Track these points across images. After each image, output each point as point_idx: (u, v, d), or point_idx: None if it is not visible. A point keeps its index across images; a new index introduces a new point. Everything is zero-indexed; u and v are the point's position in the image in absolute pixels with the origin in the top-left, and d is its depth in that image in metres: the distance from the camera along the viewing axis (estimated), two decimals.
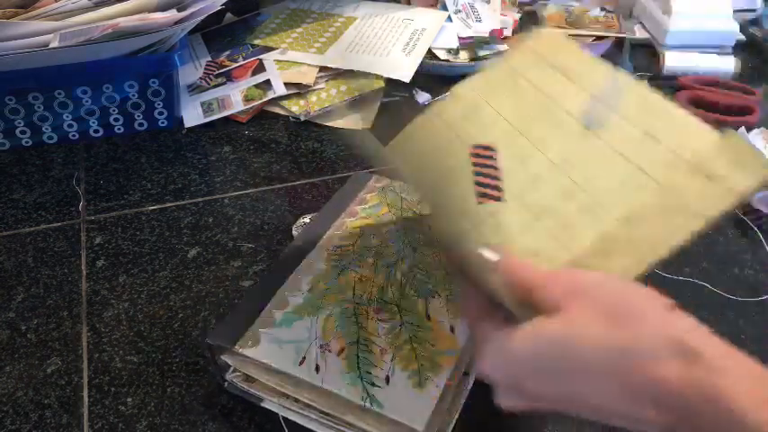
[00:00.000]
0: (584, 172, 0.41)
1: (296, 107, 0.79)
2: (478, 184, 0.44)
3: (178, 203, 0.66)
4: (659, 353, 0.28)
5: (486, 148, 0.45)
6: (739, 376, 0.28)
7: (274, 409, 0.45)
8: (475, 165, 0.45)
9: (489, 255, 0.37)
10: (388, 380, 0.42)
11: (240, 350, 0.44)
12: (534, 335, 0.32)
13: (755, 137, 0.78)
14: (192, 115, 0.77)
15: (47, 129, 0.72)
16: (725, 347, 0.29)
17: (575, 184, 0.40)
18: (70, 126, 0.73)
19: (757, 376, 0.28)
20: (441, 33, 0.89)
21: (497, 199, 0.42)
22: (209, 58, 0.84)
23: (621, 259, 0.37)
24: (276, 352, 0.44)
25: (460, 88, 0.51)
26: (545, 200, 0.41)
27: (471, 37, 0.89)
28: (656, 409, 0.29)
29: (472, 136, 0.47)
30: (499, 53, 0.89)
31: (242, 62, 0.83)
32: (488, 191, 0.43)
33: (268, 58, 0.84)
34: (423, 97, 0.84)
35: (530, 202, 0.41)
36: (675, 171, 0.38)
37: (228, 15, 0.87)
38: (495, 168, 0.44)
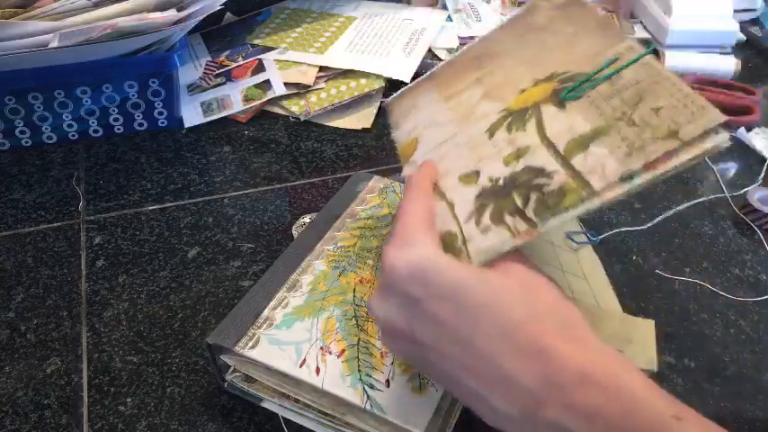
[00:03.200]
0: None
1: (296, 107, 0.78)
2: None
3: (178, 203, 0.66)
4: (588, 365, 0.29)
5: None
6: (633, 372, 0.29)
7: (274, 409, 0.45)
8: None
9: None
10: (388, 383, 0.42)
11: (240, 351, 0.44)
12: (465, 272, 0.31)
13: (755, 137, 0.78)
14: (192, 115, 0.77)
15: (46, 129, 0.72)
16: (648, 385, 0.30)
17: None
18: (70, 126, 0.73)
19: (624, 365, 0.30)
20: (441, 33, 0.89)
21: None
22: (209, 58, 0.84)
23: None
24: (276, 353, 0.44)
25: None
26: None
27: (471, 37, 0.89)
28: (532, 363, 0.29)
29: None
30: None
31: (242, 62, 0.83)
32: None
33: (268, 58, 0.84)
34: None
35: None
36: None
37: (228, 15, 0.87)
38: None
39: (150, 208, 0.65)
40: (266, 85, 0.80)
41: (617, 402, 0.28)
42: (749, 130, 0.78)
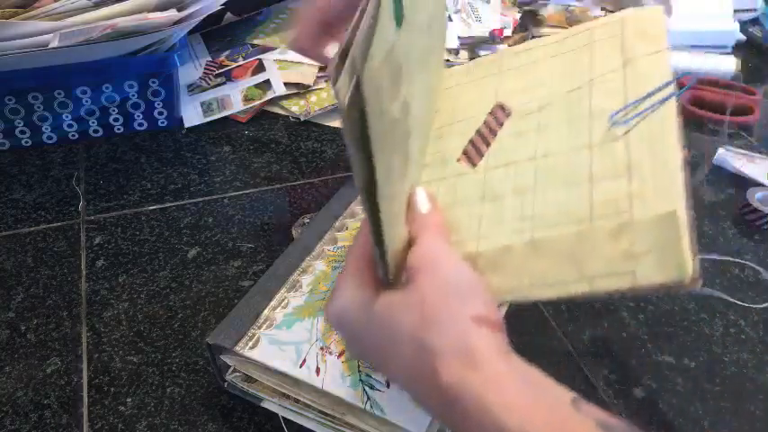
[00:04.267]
0: (549, 179, 0.38)
1: (296, 107, 0.78)
2: (472, 142, 0.43)
3: (178, 203, 0.66)
4: (447, 350, 0.32)
5: (505, 111, 0.43)
6: (507, 388, 0.30)
7: (274, 409, 0.45)
8: (484, 123, 0.43)
9: (422, 200, 0.38)
10: (388, 384, 0.42)
11: (241, 351, 0.44)
12: (369, 305, 0.35)
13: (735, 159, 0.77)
14: (192, 115, 0.77)
15: (46, 129, 0.72)
16: (504, 357, 0.32)
17: (533, 185, 0.38)
18: (70, 126, 0.73)
19: (529, 396, 0.31)
20: None
21: (473, 165, 0.41)
22: (209, 58, 0.84)
23: (500, 278, 0.36)
24: (277, 353, 0.44)
25: (535, 41, 0.48)
26: (501, 186, 0.39)
27: (471, 37, 0.89)
28: (430, 395, 0.33)
29: (508, 89, 0.45)
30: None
31: (242, 62, 0.83)
32: (473, 154, 0.42)
33: (268, 58, 0.83)
34: None
35: (489, 180, 0.40)
36: (604, 221, 0.34)
37: (228, 15, 0.87)
38: (494, 136, 0.42)
39: (150, 208, 0.65)
40: (266, 85, 0.80)
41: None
42: (749, 129, 0.78)
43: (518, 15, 0.95)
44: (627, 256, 0.32)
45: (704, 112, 0.82)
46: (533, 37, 0.94)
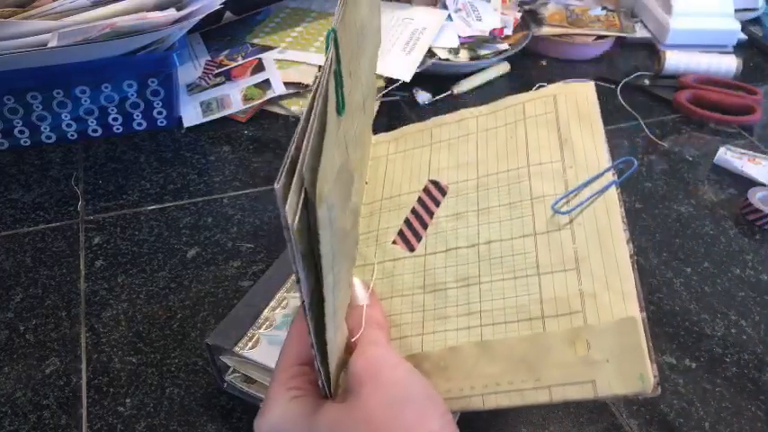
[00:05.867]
0: (494, 269, 0.37)
1: (295, 107, 0.78)
2: (407, 223, 0.41)
3: (177, 203, 0.66)
4: None
5: (441, 189, 0.42)
6: None
7: None
8: (419, 200, 0.42)
9: (360, 292, 0.36)
10: None
11: (240, 351, 0.44)
12: (308, 420, 0.32)
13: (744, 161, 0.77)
14: (191, 115, 0.77)
15: (45, 128, 0.72)
16: None
17: (477, 276, 0.37)
18: (69, 126, 0.73)
19: None
20: (441, 32, 0.89)
21: (410, 249, 0.40)
22: (209, 58, 0.84)
23: (449, 384, 0.34)
24: (276, 354, 0.43)
25: (467, 111, 0.47)
26: (443, 275, 0.38)
27: (472, 36, 0.89)
28: None
29: (441, 165, 0.43)
30: (500, 52, 0.89)
31: (241, 61, 0.83)
32: (409, 236, 0.40)
33: (267, 58, 0.83)
34: (423, 97, 0.83)
35: (429, 267, 0.38)
36: (557, 324, 0.33)
37: (228, 14, 0.87)
38: (430, 217, 0.41)
39: (149, 208, 0.65)
40: (266, 84, 0.79)
41: None
42: (750, 129, 0.78)
43: (518, 14, 0.95)
44: (585, 362, 0.31)
45: (705, 111, 0.82)
46: (533, 36, 0.93)
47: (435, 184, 0.43)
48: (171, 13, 0.66)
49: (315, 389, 0.34)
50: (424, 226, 0.41)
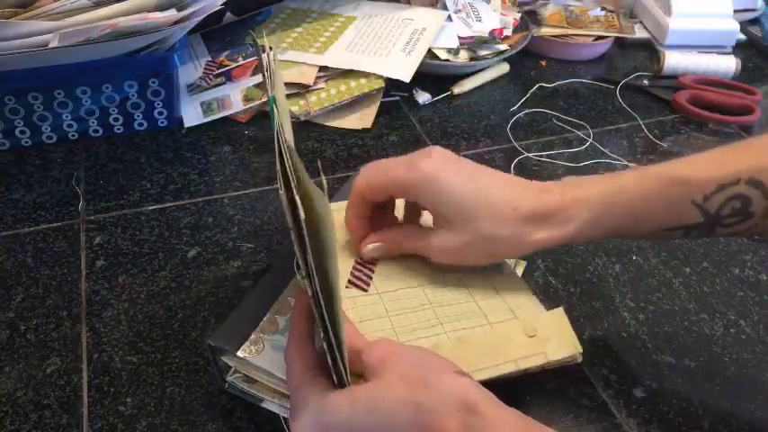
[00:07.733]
0: (442, 296, 0.48)
1: (296, 107, 0.78)
2: (355, 271, 0.49)
3: (178, 203, 0.66)
4: (446, 408, 0.34)
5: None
6: (508, 426, 0.34)
7: (275, 409, 0.45)
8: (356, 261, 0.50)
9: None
10: None
11: (244, 356, 0.43)
12: (348, 400, 0.36)
13: None
14: (192, 115, 0.77)
15: (46, 128, 0.72)
16: (497, 403, 0.35)
17: (430, 302, 0.47)
18: (70, 126, 0.73)
19: (522, 427, 0.35)
20: (441, 33, 0.89)
21: (363, 290, 0.48)
22: (209, 58, 0.84)
23: None
24: (281, 360, 0.43)
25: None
26: (400, 305, 0.46)
27: (471, 37, 0.89)
28: None
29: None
30: (499, 53, 0.89)
31: (242, 62, 0.83)
32: (360, 282, 0.48)
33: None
34: (423, 97, 0.83)
35: (386, 300, 0.47)
36: (508, 321, 0.46)
37: (228, 15, 0.87)
38: (372, 271, 0.49)
39: (150, 208, 0.65)
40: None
41: None
42: (749, 129, 0.78)
43: (518, 15, 0.95)
44: (535, 341, 0.44)
45: (704, 112, 0.82)
46: (533, 37, 0.93)
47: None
48: (172, 14, 0.66)
49: (333, 383, 0.38)
50: (371, 270, 0.49)
